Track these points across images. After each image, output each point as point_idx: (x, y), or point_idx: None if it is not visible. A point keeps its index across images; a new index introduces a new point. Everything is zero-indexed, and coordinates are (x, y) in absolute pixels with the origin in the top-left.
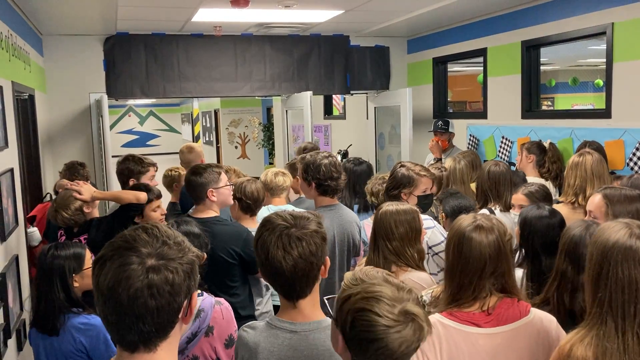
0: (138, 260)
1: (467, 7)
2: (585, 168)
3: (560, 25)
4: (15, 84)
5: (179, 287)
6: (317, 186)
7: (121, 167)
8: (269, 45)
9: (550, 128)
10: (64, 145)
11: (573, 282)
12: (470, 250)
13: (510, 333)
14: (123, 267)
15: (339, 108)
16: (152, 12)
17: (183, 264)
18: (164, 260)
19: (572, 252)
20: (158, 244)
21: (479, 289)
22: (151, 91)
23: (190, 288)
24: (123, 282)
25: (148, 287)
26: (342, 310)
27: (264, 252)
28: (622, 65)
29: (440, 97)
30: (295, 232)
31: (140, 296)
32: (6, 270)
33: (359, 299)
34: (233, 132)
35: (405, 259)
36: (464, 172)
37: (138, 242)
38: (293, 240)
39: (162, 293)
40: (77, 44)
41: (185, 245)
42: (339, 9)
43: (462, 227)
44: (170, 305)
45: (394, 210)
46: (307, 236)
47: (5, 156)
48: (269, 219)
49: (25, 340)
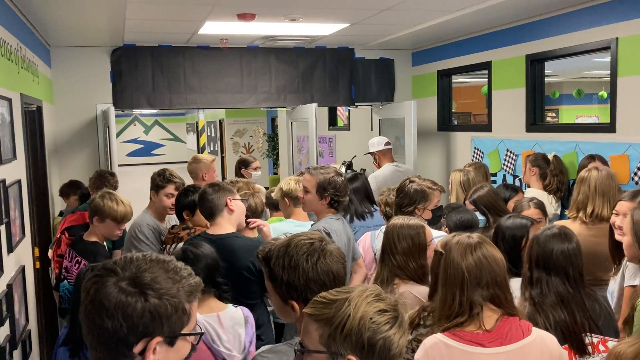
0: (114, 279)
1: (471, 20)
2: (589, 184)
3: (565, 39)
4: (24, 96)
5: (131, 320)
6: (332, 201)
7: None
8: (275, 58)
9: (554, 142)
10: (71, 155)
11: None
12: (447, 264)
13: (513, 353)
14: (100, 278)
15: (343, 119)
16: (160, 25)
17: (151, 302)
18: (134, 288)
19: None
20: (142, 269)
21: (473, 303)
22: (157, 102)
23: (149, 330)
24: (92, 293)
25: (100, 305)
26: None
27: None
28: (627, 80)
29: (444, 109)
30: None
31: (90, 310)
32: (12, 281)
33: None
34: (238, 142)
35: (409, 272)
36: (475, 182)
37: (129, 264)
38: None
39: (111, 316)
40: (85, 56)
41: (177, 285)
42: (344, 22)
43: (455, 246)
44: (118, 333)
45: (399, 224)
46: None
47: (13, 168)
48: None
49: (30, 351)
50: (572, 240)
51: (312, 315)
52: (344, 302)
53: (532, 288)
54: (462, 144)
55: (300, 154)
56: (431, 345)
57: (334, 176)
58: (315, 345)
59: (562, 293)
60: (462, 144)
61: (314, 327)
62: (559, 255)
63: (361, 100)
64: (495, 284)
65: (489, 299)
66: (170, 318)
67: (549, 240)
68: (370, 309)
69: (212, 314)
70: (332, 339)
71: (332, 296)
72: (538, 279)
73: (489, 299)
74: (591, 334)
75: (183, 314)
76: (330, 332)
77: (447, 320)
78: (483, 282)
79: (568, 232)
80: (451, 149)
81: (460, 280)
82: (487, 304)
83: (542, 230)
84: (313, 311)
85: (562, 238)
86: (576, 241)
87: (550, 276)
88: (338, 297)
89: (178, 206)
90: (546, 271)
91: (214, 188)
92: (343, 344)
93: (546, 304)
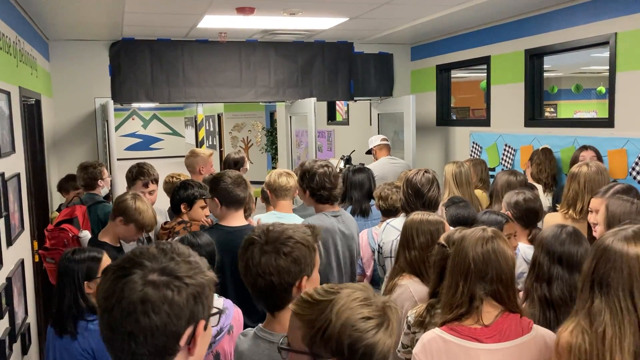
0: (140, 273)
1: (470, 15)
2: (578, 181)
3: (564, 34)
4: (22, 90)
5: (179, 309)
6: (311, 194)
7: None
8: (274, 52)
9: (553, 136)
10: (69, 149)
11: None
12: (456, 252)
13: (512, 349)
14: (121, 278)
15: (342, 114)
16: (158, 19)
17: (189, 285)
18: (168, 277)
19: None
20: (165, 260)
21: (467, 294)
22: (156, 96)
23: (195, 313)
24: (117, 294)
25: (142, 302)
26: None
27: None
28: (625, 75)
29: (443, 104)
30: (268, 248)
31: (132, 311)
32: (12, 274)
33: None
34: (236, 137)
35: (419, 268)
36: (469, 175)
37: (144, 256)
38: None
39: (158, 312)
40: (83, 49)
41: (197, 265)
42: (343, 17)
43: (468, 239)
44: (167, 328)
45: (418, 219)
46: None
47: (12, 161)
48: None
49: (29, 344)
50: (583, 243)
51: (297, 314)
52: (327, 305)
53: (549, 285)
54: (460, 139)
55: (299, 149)
56: (429, 340)
57: (314, 168)
58: (299, 343)
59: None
60: (460, 138)
61: (298, 325)
62: (582, 255)
63: (360, 95)
64: (500, 280)
65: (491, 294)
66: (208, 298)
67: (572, 241)
68: (353, 316)
69: None
70: (313, 341)
71: (318, 296)
72: (558, 275)
73: (491, 294)
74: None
75: (210, 293)
76: (311, 335)
77: (450, 311)
78: (487, 277)
79: (579, 234)
80: (450, 144)
81: (466, 270)
82: (489, 299)
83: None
84: (297, 309)
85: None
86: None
87: (572, 274)
88: (323, 299)
89: (176, 200)
90: (569, 269)
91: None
92: (324, 348)
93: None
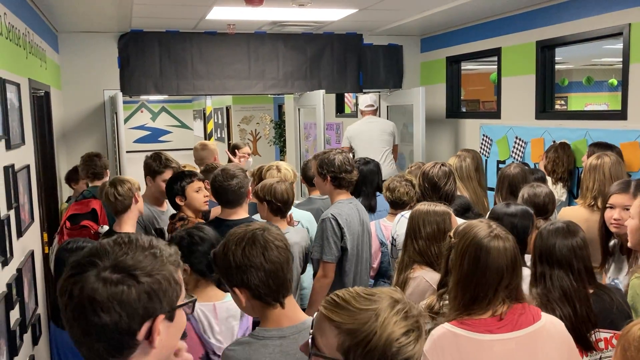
0: (94, 270)
1: (481, 6)
2: (603, 171)
3: (576, 25)
4: (32, 82)
5: (130, 307)
6: (332, 179)
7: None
8: (282, 44)
9: (564, 129)
10: (78, 141)
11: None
12: (487, 261)
13: (523, 338)
14: (74, 276)
15: (350, 106)
16: (167, 10)
17: (142, 282)
18: (120, 274)
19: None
20: (120, 255)
21: (494, 300)
22: (165, 88)
23: (150, 310)
24: (69, 292)
25: (90, 302)
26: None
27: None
28: (639, 67)
29: (453, 96)
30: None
31: (82, 310)
32: (22, 265)
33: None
34: (245, 129)
35: (428, 257)
36: (470, 169)
37: (100, 252)
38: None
39: (108, 310)
40: (92, 41)
41: (159, 257)
42: (352, 8)
43: (479, 236)
44: (119, 326)
45: (425, 210)
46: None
47: (22, 153)
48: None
49: (40, 335)
50: (577, 234)
51: (332, 321)
52: (370, 315)
53: (537, 284)
54: (470, 131)
55: (307, 141)
56: (439, 336)
57: (331, 154)
58: (332, 351)
59: (565, 288)
60: (470, 131)
61: (334, 332)
62: (562, 249)
63: (369, 87)
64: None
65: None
66: (166, 292)
67: (551, 235)
68: (397, 330)
69: (209, 302)
70: (352, 351)
71: (357, 304)
72: (542, 274)
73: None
74: (599, 329)
75: (176, 285)
76: (351, 344)
77: (459, 304)
78: (513, 284)
79: (572, 226)
80: (460, 136)
81: (499, 280)
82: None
83: (546, 225)
84: (333, 316)
85: (565, 232)
86: (582, 236)
87: (553, 270)
88: (364, 307)
89: (171, 196)
90: (549, 265)
91: (233, 178)
92: (363, 358)
93: (551, 298)
